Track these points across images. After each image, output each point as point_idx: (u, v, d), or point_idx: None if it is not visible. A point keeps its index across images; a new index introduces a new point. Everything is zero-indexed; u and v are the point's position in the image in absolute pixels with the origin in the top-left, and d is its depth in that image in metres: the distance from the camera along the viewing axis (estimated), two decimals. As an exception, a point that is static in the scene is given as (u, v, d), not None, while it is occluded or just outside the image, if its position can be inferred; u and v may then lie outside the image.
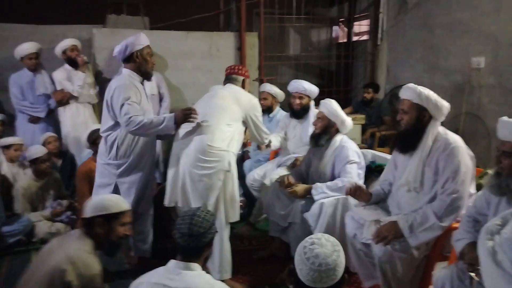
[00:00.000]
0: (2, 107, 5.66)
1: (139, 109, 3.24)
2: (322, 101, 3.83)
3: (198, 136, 3.30)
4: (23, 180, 4.49)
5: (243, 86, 3.64)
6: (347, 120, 3.72)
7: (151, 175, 3.66)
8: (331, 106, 3.71)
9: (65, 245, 2.36)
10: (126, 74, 3.38)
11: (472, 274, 2.07)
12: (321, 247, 1.80)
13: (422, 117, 2.87)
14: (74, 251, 2.31)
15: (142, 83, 3.46)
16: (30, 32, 5.62)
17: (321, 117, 3.75)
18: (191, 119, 3.28)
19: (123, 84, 3.29)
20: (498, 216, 1.33)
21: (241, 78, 3.64)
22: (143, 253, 3.77)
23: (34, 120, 5.33)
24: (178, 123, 3.26)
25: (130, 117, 3.16)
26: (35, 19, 5.80)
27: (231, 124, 3.39)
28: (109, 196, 2.58)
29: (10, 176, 4.59)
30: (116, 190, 3.47)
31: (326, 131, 3.71)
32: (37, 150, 4.53)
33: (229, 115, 3.41)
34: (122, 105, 3.19)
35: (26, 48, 5.13)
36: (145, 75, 3.46)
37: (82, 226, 2.48)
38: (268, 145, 4.15)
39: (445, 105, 2.88)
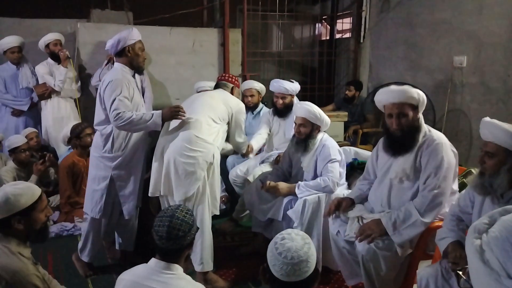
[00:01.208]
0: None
1: (129, 105, 3.28)
2: (300, 106, 3.72)
3: (185, 128, 3.36)
4: (7, 168, 4.54)
5: (231, 93, 3.77)
6: (328, 119, 3.69)
7: (143, 168, 3.68)
8: (314, 111, 3.60)
9: None
10: (119, 68, 3.40)
11: (460, 272, 2.09)
12: (291, 241, 1.82)
13: (416, 114, 2.85)
14: None
15: (133, 76, 3.48)
16: (14, 26, 5.58)
17: (303, 123, 3.63)
18: (179, 117, 3.33)
19: (116, 78, 3.30)
20: (486, 215, 1.34)
21: (231, 85, 3.82)
22: (126, 247, 3.78)
23: (17, 113, 5.39)
24: (165, 120, 3.34)
25: (119, 113, 3.19)
26: (19, 12, 5.75)
27: (217, 121, 3.47)
28: (15, 190, 2.25)
29: None
30: (111, 183, 3.49)
31: (311, 135, 3.65)
32: (17, 140, 4.59)
33: (216, 112, 3.49)
34: (114, 100, 3.22)
35: (9, 41, 5.15)
36: (137, 69, 3.48)
37: None
38: (247, 153, 4.22)
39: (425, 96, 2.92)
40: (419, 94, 2.82)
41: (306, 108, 3.63)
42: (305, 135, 3.65)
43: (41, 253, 3.77)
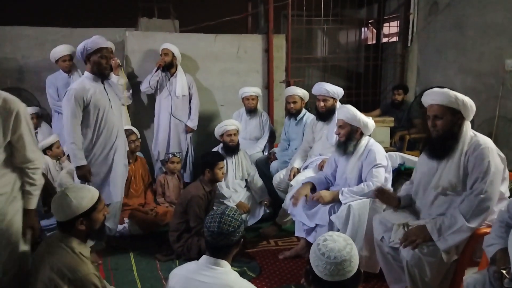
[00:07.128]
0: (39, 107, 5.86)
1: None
2: (338, 109, 3.77)
3: None
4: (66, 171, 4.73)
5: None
6: (369, 122, 3.63)
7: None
8: (349, 111, 3.62)
9: (48, 256, 2.33)
10: (84, 76, 3.83)
11: (504, 272, 2.07)
12: (333, 242, 1.86)
13: (456, 119, 2.83)
14: (57, 259, 2.29)
15: (103, 82, 3.82)
16: (66, 35, 5.77)
17: (342, 125, 3.66)
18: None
19: (71, 88, 3.72)
20: None
21: None
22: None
23: None
24: None
25: None
26: (71, 22, 5.97)
27: None
28: (78, 193, 2.39)
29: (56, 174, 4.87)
30: None
31: (351, 137, 3.64)
32: None
33: None
34: None
35: (60, 50, 5.31)
36: (101, 76, 3.78)
37: (60, 230, 2.41)
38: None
39: (473, 103, 2.84)
40: (458, 98, 2.78)
41: (344, 110, 3.66)
42: (344, 137, 3.64)
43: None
